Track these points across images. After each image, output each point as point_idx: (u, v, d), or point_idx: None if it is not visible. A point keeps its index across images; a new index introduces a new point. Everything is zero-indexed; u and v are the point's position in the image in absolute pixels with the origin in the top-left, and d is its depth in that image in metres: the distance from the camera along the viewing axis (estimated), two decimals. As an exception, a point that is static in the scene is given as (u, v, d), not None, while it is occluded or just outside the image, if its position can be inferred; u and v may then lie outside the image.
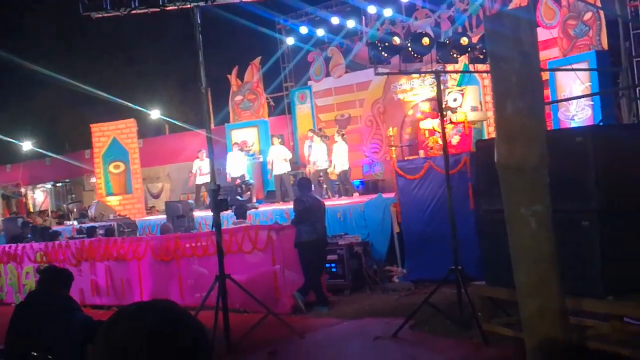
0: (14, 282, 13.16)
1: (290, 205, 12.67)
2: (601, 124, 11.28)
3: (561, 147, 5.95)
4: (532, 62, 3.34)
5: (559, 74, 13.77)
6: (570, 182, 5.90)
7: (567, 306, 5.08)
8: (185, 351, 1.31)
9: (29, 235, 14.57)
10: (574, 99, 13.25)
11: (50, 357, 3.65)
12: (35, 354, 3.97)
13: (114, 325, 1.34)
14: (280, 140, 17.27)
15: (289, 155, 16.89)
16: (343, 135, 16.17)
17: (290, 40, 20.36)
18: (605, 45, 13.64)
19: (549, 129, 12.29)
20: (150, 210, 20.47)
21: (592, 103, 13.37)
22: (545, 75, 13.41)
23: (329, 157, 15.86)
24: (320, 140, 16.01)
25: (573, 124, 13.27)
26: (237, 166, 17.02)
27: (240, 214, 11.65)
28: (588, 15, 13.88)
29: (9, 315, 5.25)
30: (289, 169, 16.65)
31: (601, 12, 13.56)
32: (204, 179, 16.83)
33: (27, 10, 29.27)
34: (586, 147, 5.91)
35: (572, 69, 12.64)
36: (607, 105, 13.09)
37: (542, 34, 13.65)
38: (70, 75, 21.66)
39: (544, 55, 12.86)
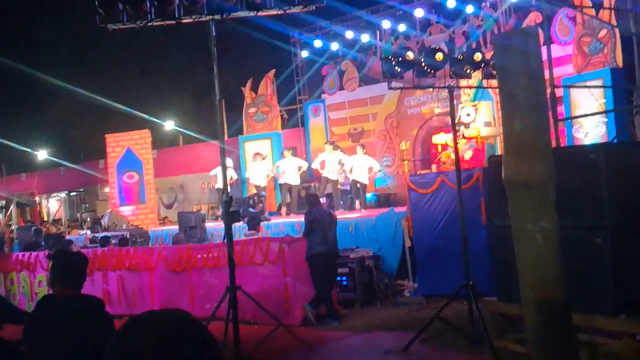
0: (26, 291, 13.21)
1: (300, 218, 12.71)
2: (615, 141, 11.24)
3: (574, 164, 5.95)
4: (539, 79, 3.36)
5: (573, 91, 13.75)
6: (583, 199, 5.89)
7: (578, 323, 5.07)
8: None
9: (42, 244, 14.64)
10: (588, 116, 13.23)
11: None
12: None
13: (126, 332, 1.35)
14: (291, 152, 17.19)
15: (305, 164, 16.78)
16: (364, 148, 15.82)
17: (304, 54, 20.48)
18: (620, 63, 13.63)
19: (562, 145, 12.28)
20: (163, 220, 20.55)
21: (607, 120, 13.35)
22: (560, 92, 13.40)
23: (342, 168, 15.62)
24: (332, 151, 15.82)
25: (587, 141, 13.24)
26: (260, 176, 17.06)
27: (253, 225, 11.71)
28: (603, 33, 13.88)
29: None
30: (299, 182, 16.47)
31: (616, 30, 13.56)
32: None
33: (45, 20, 29.58)
34: (599, 164, 5.89)
35: (586, 86, 12.63)
36: (621, 123, 13.06)
37: (557, 51, 13.69)
38: (86, 86, 21.88)
39: (558, 72, 12.86)
